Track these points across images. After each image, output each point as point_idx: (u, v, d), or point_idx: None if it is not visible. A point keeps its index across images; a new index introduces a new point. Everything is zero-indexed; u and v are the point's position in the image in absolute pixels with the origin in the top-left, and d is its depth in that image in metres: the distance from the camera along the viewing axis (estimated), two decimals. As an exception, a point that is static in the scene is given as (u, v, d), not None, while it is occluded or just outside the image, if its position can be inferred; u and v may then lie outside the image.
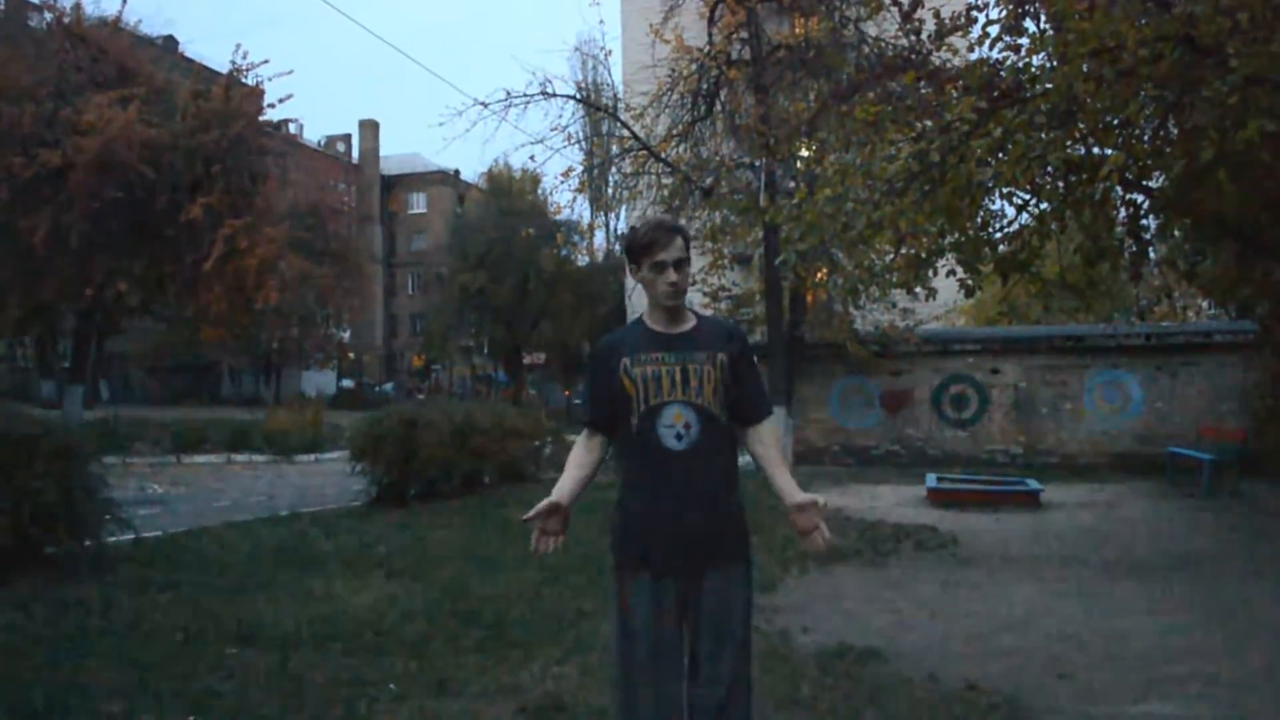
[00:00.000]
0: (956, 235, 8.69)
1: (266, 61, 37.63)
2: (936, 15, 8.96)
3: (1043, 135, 7.29)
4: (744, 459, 3.28)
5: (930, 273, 9.33)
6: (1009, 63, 7.92)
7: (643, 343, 3.19)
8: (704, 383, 3.12)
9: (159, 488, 14.36)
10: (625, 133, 17.90)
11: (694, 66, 16.70)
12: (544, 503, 3.09)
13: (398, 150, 72.11)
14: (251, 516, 10.55)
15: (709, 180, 16.84)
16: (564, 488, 3.18)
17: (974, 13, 8.40)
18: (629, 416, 3.15)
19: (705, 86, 16.83)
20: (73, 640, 5.44)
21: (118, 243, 18.88)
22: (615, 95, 21.46)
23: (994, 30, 7.98)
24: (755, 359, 3.34)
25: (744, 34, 16.60)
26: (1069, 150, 7.58)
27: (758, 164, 16.48)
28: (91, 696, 4.49)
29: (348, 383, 55.75)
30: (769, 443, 3.28)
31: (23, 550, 7.02)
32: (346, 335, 55.02)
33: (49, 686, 4.60)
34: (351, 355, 59.72)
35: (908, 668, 5.16)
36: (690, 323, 3.23)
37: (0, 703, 4.41)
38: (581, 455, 3.28)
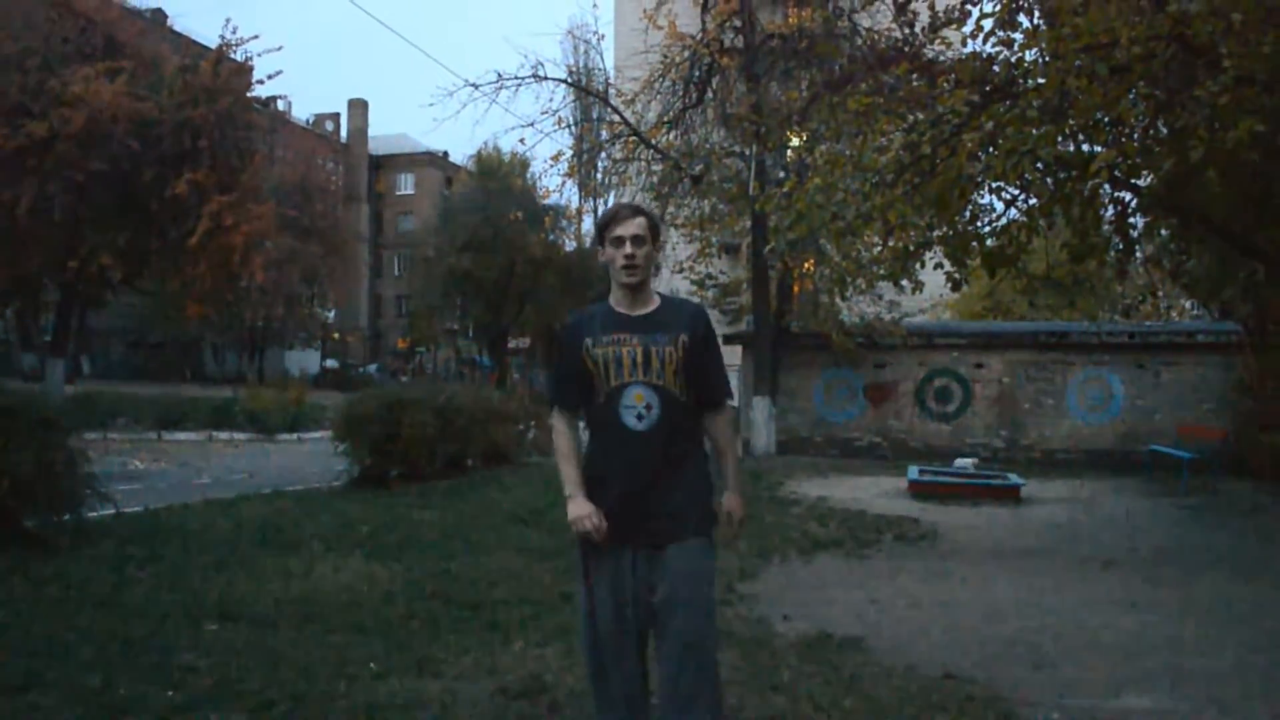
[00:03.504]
0: (945, 229, 8.71)
1: (256, 37, 37.33)
2: (931, 8, 8.99)
3: (1034, 130, 7.30)
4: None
5: (918, 265, 9.36)
6: (1002, 57, 7.94)
7: (606, 323, 3.25)
8: (665, 364, 3.17)
9: (140, 463, 14.30)
10: (616, 118, 17.90)
11: (686, 53, 16.70)
12: (579, 513, 3.18)
13: (386, 130, 71.98)
14: (233, 494, 10.50)
15: (698, 168, 16.86)
16: (576, 483, 3.25)
17: (968, 6, 8.41)
18: (594, 397, 3.24)
19: (697, 74, 16.84)
20: (51, 614, 5.42)
21: (102, 216, 18.74)
22: (607, 80, 21.36)
23: (988, 24, 8.00)
24: (719, 341, 3.41)
25: (737, 22, 16.60)
26: (1059, 146, 7.60)
27: (748, 153, 16.49)
28: (70, 670, 4.47)
29: (332, 363, 55.61)
30: (724, 430, 3.38)
31: (1, 523, 6.99)
32: (331, 315, 54.87)
33: (27, 660, 4.58)
34: (336, 335, 59.53)
35: (886, 657, 5.19)
36: (653, 304, 3.28)
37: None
38: (565, 442, 3.35)
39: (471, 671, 4.71)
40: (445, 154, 69.64)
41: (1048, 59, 7.54)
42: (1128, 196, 9.32)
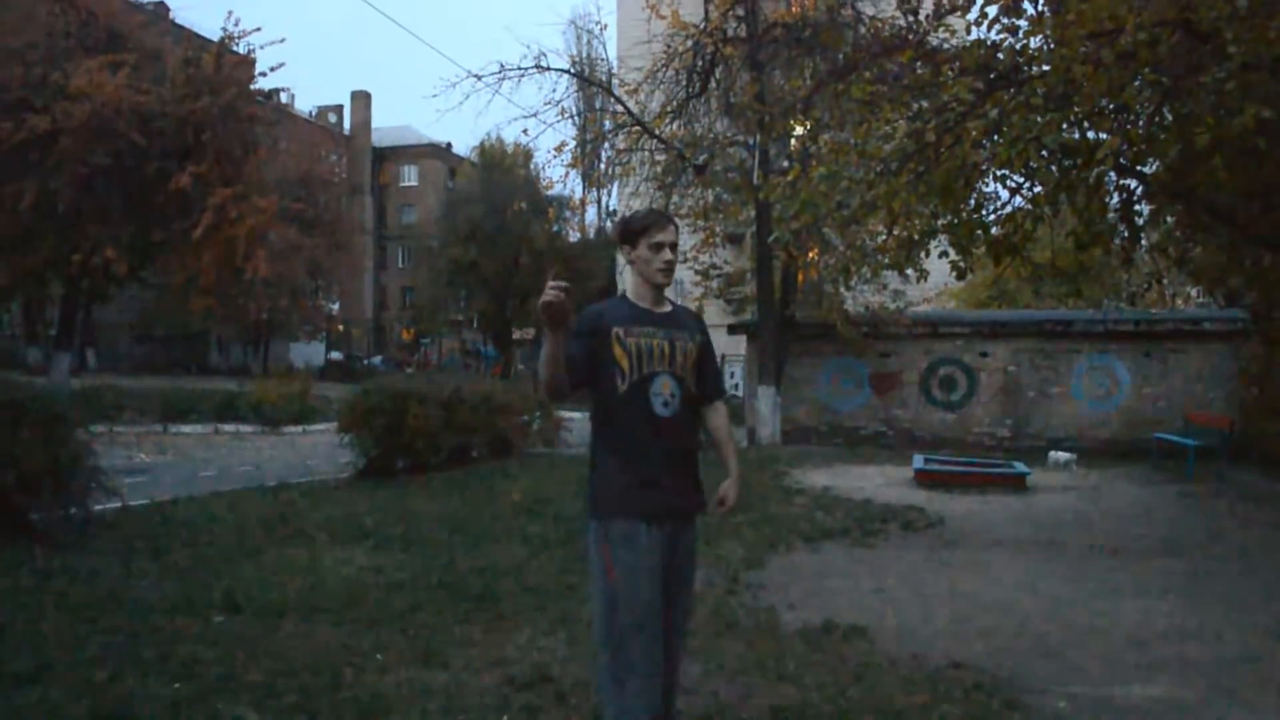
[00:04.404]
0: (949, 217, 8.68)
1: (258, 29, 37.21)
2: (934, -5, 8.92)
3: (1038, 118, 7.26)
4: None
5: (922, 254, 9.33)
6: (1006, 44, 7.90)
7: (633, 316, 3.45)
8: (686, 358, 3.46)
9: (146, 456, 14.32)
10: (619, 108, 17.83)
11: (689, 43, 16.62)
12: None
13: (389, 122, 71.70)
14: (238, 486, 10.52)
15: (702, 158, 16.81)
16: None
17: (972, -7, 8.36)
18: (615, 382, 3.36)
19: (700, 63, 16.76)
20: (58, 607, 5.43)
21: (106, 210, 18.71)
22: (610, 70, 21.31)
23: (992, 11, 7.95)
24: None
25: (740, 11, 16.51)
26: (1064, 134, 7.56)
27: (752, 142, 16.44)
28: (77, 663, 4.48)
29: (336, 355, 55.54)
30: (723, 421, 3.69)
31: (7, 517, 7.00)
32: (336, 307, 54.78)
33: (34, 653, 4.59)
34: (340, 327, 59.47)
35: (893, 646, 5.19)
36: (669, 306, 3.57)
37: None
38: None
39: (478, 662, 4.72)
40: (449, 145, 69.52)
41: (1052, 46, 7.50)
42: (1133, 184, 9.28)
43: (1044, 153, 7.61)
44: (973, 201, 8.72)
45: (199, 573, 6.37)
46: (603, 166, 19.97)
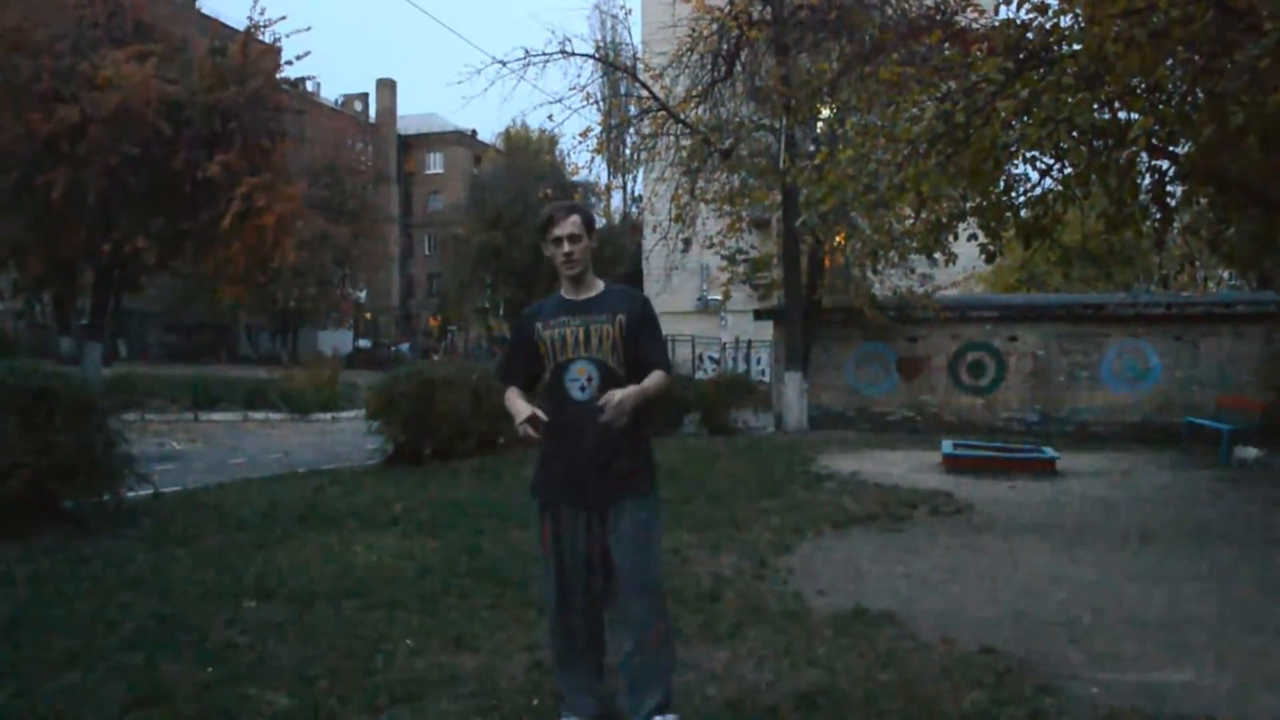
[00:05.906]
0: (979, 199, 8.60)
1: (284, 18, 37.41)
2: (963, -26, 8.83)
3: (1069, 98, 7.18)
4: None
5: (951, 237, 9.26)
6: (1036, 23, 7.80)
7: (554, 309, 3.71)
8: (604, 340, 3.59)
9: (177, 444, 14.46)
10: (644, 93, 17.79)
11: (714, 26, 16.53)
12: (524, 416, 3.49)
13: (415, 110, 72.00)
14: (268, 473, 10.60)
15: (728, 142, 16.75)
16: (524, 403, 3.62)
17: (1001, -28, 8.27)
18: (544, 373, 3.65)
19: (725, 47, 16.67)
20: (92, 593, 5.49)
21: (136, 200, 18.88)
22: (635, 55, 21.27)
23: (1021, -11, 7.85)
24: (658, 323, 3.76)
25: (765, -7, 16.40)
26: (1095, 114, 7.47)
27: (778, 126, 16.35)
28: (111, 648, 4.53)
29: (364, 342, 55.93)
30: (655, 375, 3.58)
31: (42, 504, 7.08)
32: (363, 295, 55.16)
33: (70, 638, 4.65)
34: (368, 315, 59.87)
35: (922, 631, 5.16)
36: (596, 290, 3.72)
37: (21, 653, 4.45)
38: (511, 392, 3.75)
39: (507, 646, 4.73)
40: (474, 132, 69.68)
41: (1083, 24, 7.40)
42: (1165, 164, 9.15)
43: (1075, 133, 7.52)
44: (1002, 183, 8.64)
45: (230, 558, 6.43)
46: (628, 152, 19.94)
